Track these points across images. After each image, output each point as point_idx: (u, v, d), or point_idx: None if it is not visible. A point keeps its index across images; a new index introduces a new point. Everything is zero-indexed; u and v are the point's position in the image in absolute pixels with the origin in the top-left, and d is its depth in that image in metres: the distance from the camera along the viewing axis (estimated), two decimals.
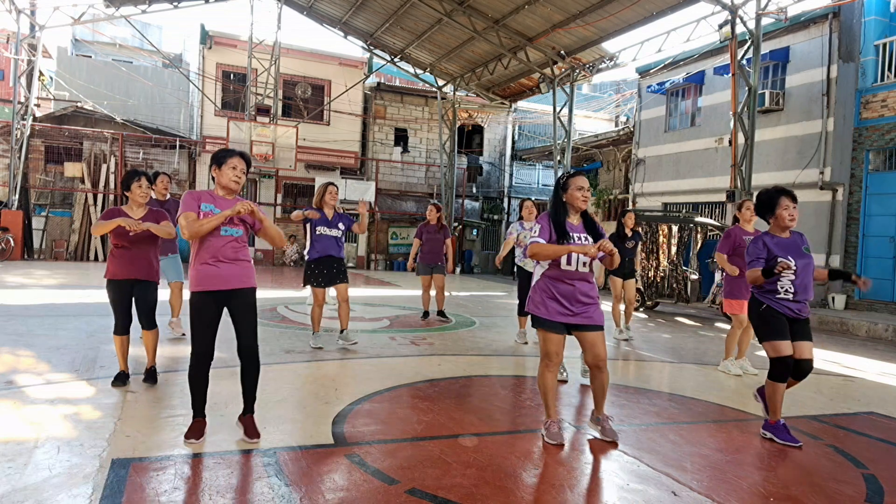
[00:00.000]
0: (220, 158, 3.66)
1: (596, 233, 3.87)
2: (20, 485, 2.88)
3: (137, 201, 4.67)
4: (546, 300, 3.81)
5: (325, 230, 6.35)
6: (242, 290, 3.65)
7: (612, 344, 8.02)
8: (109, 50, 27.12)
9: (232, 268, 3.61)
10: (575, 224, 3.87)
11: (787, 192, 4.19)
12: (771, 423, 4.19)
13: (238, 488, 3.01)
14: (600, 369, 3.86)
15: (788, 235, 4.21)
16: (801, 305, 4.10)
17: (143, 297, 4.70)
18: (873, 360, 7.92)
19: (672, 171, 16.74)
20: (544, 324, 3.82)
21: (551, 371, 3.86)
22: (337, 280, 6.40)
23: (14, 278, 12.02)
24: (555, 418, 3.91)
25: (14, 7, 16.61)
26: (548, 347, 3.82)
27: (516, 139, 26.02)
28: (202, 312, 3.58)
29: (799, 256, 4.09)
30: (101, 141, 18.89)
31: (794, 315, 4.10)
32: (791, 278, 4.07)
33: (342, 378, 5.35)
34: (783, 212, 4.14)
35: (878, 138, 12.37)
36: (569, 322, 3.80)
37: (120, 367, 4.74)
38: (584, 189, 3.83)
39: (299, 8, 19.72)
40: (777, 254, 4.07)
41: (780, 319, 4.08)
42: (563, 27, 15.25)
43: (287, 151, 18.84)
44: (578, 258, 3.75)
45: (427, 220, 9.18)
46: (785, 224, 4.15)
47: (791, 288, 4.07)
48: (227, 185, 3.64)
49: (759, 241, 4.18)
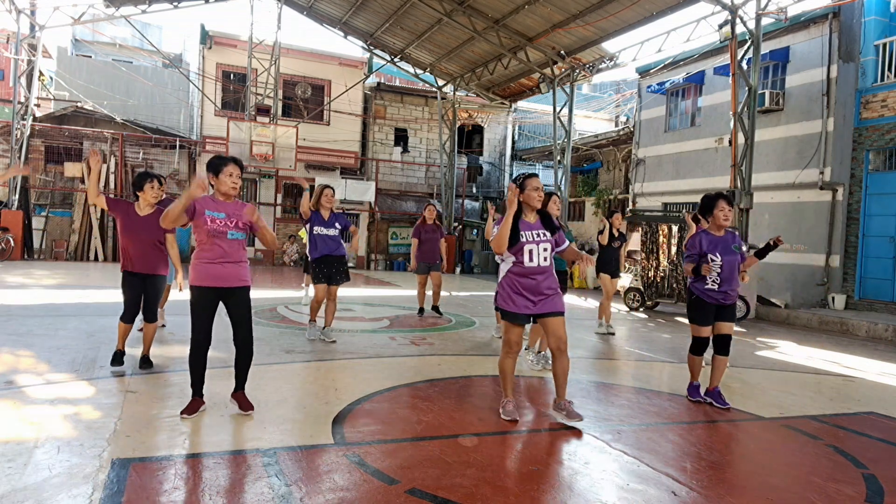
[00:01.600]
0: (216, 167, 3.98)
1: (552, 228, 4.28)
2: (20, 485, 2.89)
3: (149, 201, 5.06)
4: (513, 295, 4.20)
5: (321, 230, 6.67)
6: (240, 289, 4.01)
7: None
8: (109, 50, 27.12)
9: (234, 268, 3.97)
10: (532, 222, 4.23)
11: (724, 197, 4.93)
12: (689, 384, 5.15)
13: (238, 488, 3.01)
14: (562, 352, 4.20)
15: (722, 234, 4.93)
16: (725, 294, 4.87)
17: (151, 291, 5.10)
18: (873, 360, 7.92)
19: (672, 171, 16.74)
20: (511, 316, 4.22)
21: (511, 357, 4.31)
22: (336, 279, 6.70)
23: (14, 278, 12.02)
24: (511, 398, 4.32)
25: (14, 7, 16.61)
26: (510, 337, 4.26)
27: (516, 139, 26.01)
28: (202, 304, 3.94)
29: (726, 253, 4.84)
30: (101, 141, 18.89)
31: (719, 302, 4.88)
32: (717, 272, 4.82)
33: (342, 378, 5.35)
34: (718, 213, 4.89)
35: (878, 138, 12.37)
36: (533, 313, 4.21)
37: (118, 346, 5.12)
38: (539, 189, 4.23)
39: (299, 8, 19.72)
40: (707, 250, 4.85)
41: (706, 307, 4.90)
42: (563, 27, 15.24)
43: (287, 151, 18.83)
44: (539, 255, 4.16)
45: (424, 219, 9.29)
46: (719, 223, 4.91)
47: (717, 279, 4.84)
48: (227, 192, 3.98)
49: (697, 238, 4.94)
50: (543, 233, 4.19)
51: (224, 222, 3.91)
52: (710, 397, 4.98)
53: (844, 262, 12.65)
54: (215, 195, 3.99)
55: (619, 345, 8.01)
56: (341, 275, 6.72)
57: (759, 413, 4.87)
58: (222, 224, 3.90)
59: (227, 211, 3.94)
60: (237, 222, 3.96)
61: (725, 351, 4.99)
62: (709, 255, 4.84)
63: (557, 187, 17.35)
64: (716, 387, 4.98)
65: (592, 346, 7.86)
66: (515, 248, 4.13)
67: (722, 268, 4.83)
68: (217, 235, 3.89)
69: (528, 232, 4.14)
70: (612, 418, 4.54)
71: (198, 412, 3.94)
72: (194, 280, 3.92)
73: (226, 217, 3.93)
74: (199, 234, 3.92)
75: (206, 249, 3.90)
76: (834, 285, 12.64)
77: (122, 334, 5.14)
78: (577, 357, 6.89)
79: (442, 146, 22.17)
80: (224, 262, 3.91)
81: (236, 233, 3.95)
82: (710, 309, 4.90)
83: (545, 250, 4.16)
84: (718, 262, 4.83)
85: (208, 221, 3.86)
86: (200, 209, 3.86)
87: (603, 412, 4.70)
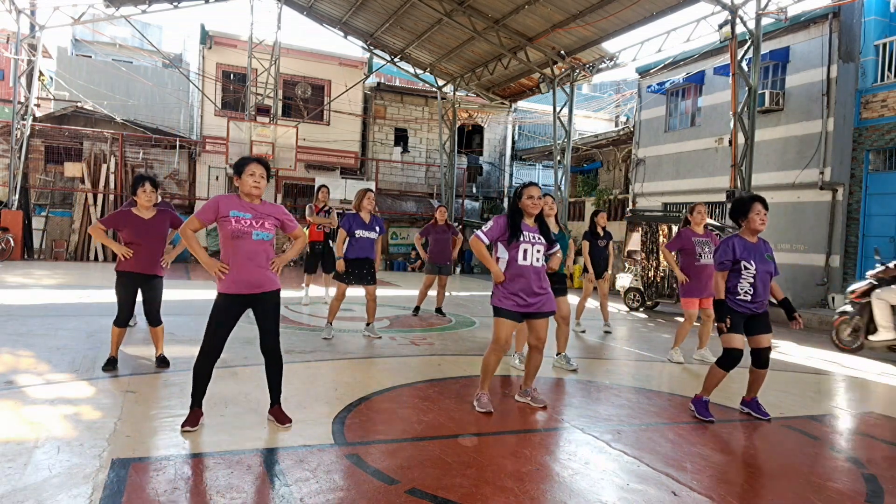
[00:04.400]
0: (239, 167, 3.89)
1: (547, 234, 4.49)
2: (20, 485, 2.88)
3: (145, 205, 5.10)
4: (507, 293, 4.36)
5: (363, 233, 6.89)
6: (269, 293, 3.88)
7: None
8: (109, 50, 27.11)
9: (263, 272, 3.84)
10: (530, 225, 4.47)
11: (760, 199, 4.55)
12: (697, 398, 4.68)
13: (238, 488, 3.01)
14: (539, 350, 4.51)
15: (756, 240, 4.58)
16: (758, 304, 4.51)
17: (151, 295, 5.14)
18: (873, 360, 7.92)
19: (672, 171, 16.73)
20: (504, 314, 4.37)
21: (496, 355, 4.45)
22: (366, 281, 6.93)
23: (14, 278, 12.01)
24: (486, 391, 4.52)
25: (14, 7, 16.59)
26: (500, 334, 4.38)
27: (516, 139, 26.00)
28: (225, 314, 3.81)
29: (761, 262, 4.49)
30: (101, 141, 18.88)
31: (751, 312, 4.52)
32: (751, 281, 4.47)
33: (342, 378, 5.35)
34: (755, 216, 4.49)
35: (878, 138, 12.36)
36: (524, 311, 4.37)
37: (111, 353, 5.15)
38: (534, 198, 4.42)
39: (299, 8, 19.71)
40: (742, 257, 4.47)
41: (737, 317, 4.49)
42: (563, 27, 15.23)
43: (287, 151, 18.82)
44: (533, 255, 4.36)
45: (435, 220, 9.34)
46: (755, 227, 4.52)
47: (750, 290, 4.48)
48: (250, 192, 3.85)
49: (729, 244, 4.52)
50: (539, 237, 4.45)
51: (249, 222, 3.79)
52: (748, 407, 4.76)
53: (844, 262, 12.65)
54: (241, 195, 3.88)
55: (619, 345, 8.01)
56: (372, 276, 6.97)
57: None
58: (247, 224, 3.78)
59: (254, 211, 3.83)
60: (264, 223, 3.84)
61: (765, 365, 4.59)
62: (742, 262, 4.46)
63: (557, 187, 17.35)
64: (754, 397, 4.75)
65: (593, 346, 7.86)
66: (512, 245, 4.38)
67: (756, 277, 4.46)
68: (242, 236, 3.75)
69: (526, 233, 4.41)
70: (612, 418, 4.54)
71: (199, 425, 3.79)
72: (223, 287, 3.78)
73: (252, 217, 3.81)
74: (224, 235, 3.79)
75: (232, 252, 3.77)
76: (834, 285, 12.63)
77: (116, 340, 5.12)
78: (578, 357, 6.89)
79: (442, 146, 22.17)
80: (252, 265, 3.77)
81: (262, 233, 3.81)
82: (740, 317, 4.51)
83: (539, 251, 4.42)
84: (752, 269, 4.45)
85: (233, 222, 3.74)
86: (225, 210, 3.76)
87: (603, 412, 4.70)
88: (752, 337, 4.55)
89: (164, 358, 5.29)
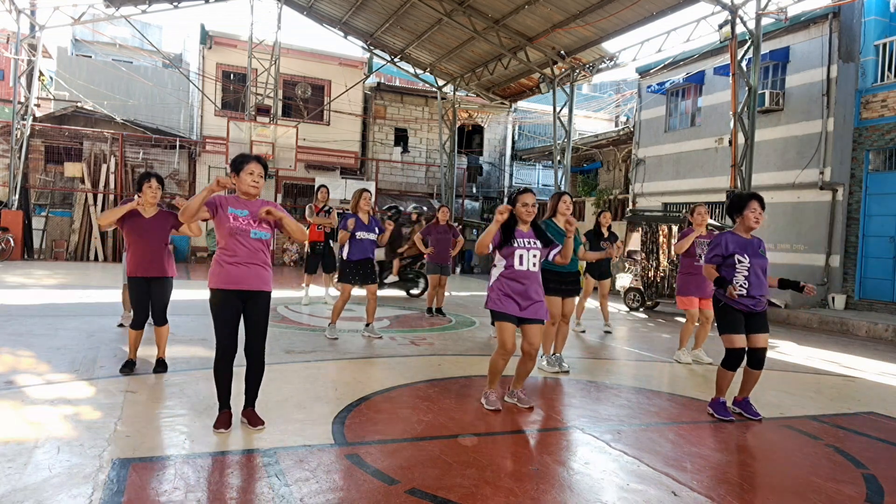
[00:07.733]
0: (238, 165, 3.87)
1: (545, 238, 4.52)
2: (20, 485, 2.89)
3: (150, 201, 5.05)
4: (503, 297, 4.42)
5: (364, 234, 6.95)
6: (260, 294, 3.87)
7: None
8: (109, 50, 27.10)
9: (257, 270, 3.84)
10: (525, 231, 4.49)
11: (756, 197, 4.57)
12: (714, 400, 4.73)
13: (238, 488, 3.01)
14: (531, 357, 4.51)
15: (749, 237, 4.58)
16: (756, 301, 4.50)
17: (159, 296, 5.09)
18: (873, 360, 7.91)
19: (672, 171, 16.73)
20: (502, 317, 4.42)
21: (504, 358, 4.48)
22: (369, 281, 7.04)
23: (14, 278, 12.01)
24: (494, 389, 4.59)
25: (14, 7, 16.59)
26: (504, 338, 4.42)
27: (516, 139, 25.99)
28: (225, 308, 3.79)
29: (754, 256, 4.49)
30: (101, 141, 18.87)
31: (749, 310, 4.51)
32: (745, 274, 4.47)
33: (342, 378, 5.35)
34: (750, 213, 4.51)
35: (878, 138, 12.36)
36: (520, 315, 4.40)
37: (130, 356, 5.14)
38: (528, 205, 4.48)
39: (299, 8, 19.71)
40: (734, 251, 4.49)
41: (736, 315, 4.51)
42: (563, 27, 15.23)
43: (287, 151, 18.82)
44: (529, 260, 4.41)
45: (437, 220, 9.36)
46: (749, 224, 4.53)
47: (745, 284, 4.47)
48: (247, 191, 3.84)
49: (721, 239, 4.58)
50: (534, 242, 4.48)
51: (247, 220, 3.79)
52: (740, 407, 4.73)
53: (844, 262, 12.65)
54: (238, 194, 3.88)
55: (619, 345, 8.01)
56: (374, 275, 7.12)
57: (761, 411, 4.86)
58: (245, 222, 3.78)
59: (251, 209, 3.82)
60: (261, 221, 3.85)
61: (760, 365, 4.59)
62: (735, 256, 4.48)
63: (557, 187, 17.35)
64: (745, 397, 4.74)
65: (593, 346, 7.86)
66: (507, 252, 4.42)
67: (750, 270, 4.45)
68: (239, 234, 3.75)
69: (520, 239, 4.45)
70: (612, 418, 4.54)
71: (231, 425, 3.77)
72: (214, 283, 3.78)
73: (249, 215, 3.81)
74: (221, 233, 3.79)
75: (228, 249, 3.77)
76: (834, 285, 12.64)
77: (133, 343, 5.12)
78: (577, 357, 6.89)
79: (442, 146, 22.17)
80: (247, 263, 3.77)
81: (260, 232, 3.81)
82: (740, 316, 4.51)
83: (535, 256, 4.45)
84: (746, 262, 4.45)
85: (231, 219, 3.74)
86: (224, 206, 3.77)
87: (603, 412, 4.70)
88: (748, 336, 4.55)
89: (163, 362, 5.17)
